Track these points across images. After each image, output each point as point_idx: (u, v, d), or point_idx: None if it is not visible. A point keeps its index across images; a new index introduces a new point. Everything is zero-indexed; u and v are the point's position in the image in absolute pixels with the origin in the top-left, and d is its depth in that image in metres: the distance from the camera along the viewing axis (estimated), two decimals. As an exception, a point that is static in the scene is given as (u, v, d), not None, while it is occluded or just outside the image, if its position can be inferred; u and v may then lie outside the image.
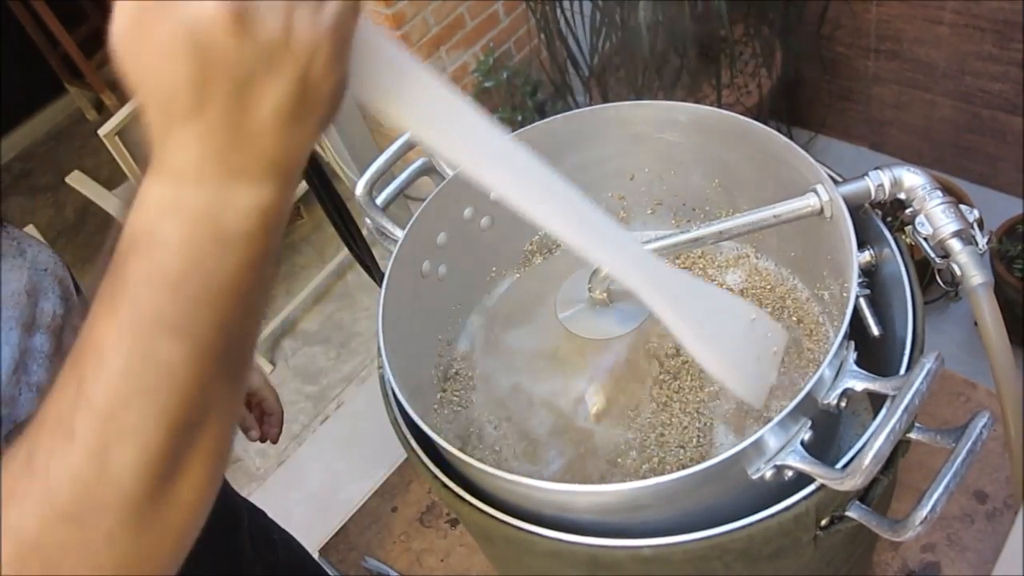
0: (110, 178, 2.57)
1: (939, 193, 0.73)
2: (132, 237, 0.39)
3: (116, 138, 1.87)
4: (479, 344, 0.94)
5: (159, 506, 0.41)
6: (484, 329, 0.96)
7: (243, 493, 1.11)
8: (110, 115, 1.93)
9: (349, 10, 0.39)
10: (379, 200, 0.91)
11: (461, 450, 0.68)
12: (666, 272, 0.63)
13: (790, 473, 0.65)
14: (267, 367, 2.47)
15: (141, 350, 0.39)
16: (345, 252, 2.54)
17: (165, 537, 0.42)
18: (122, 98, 3.06)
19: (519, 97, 2.44)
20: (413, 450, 0.75)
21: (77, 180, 2.29)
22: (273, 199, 0.40)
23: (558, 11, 2.02)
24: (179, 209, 0.38)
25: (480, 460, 0.67)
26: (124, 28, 0.36)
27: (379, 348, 0.79)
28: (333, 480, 2.20)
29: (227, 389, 0.43)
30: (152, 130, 0.38)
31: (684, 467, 0.62)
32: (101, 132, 1.85)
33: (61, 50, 3.39)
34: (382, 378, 0.82)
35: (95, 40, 3.45)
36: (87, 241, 3.13)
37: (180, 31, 0.35)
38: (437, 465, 0.74)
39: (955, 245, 0.70)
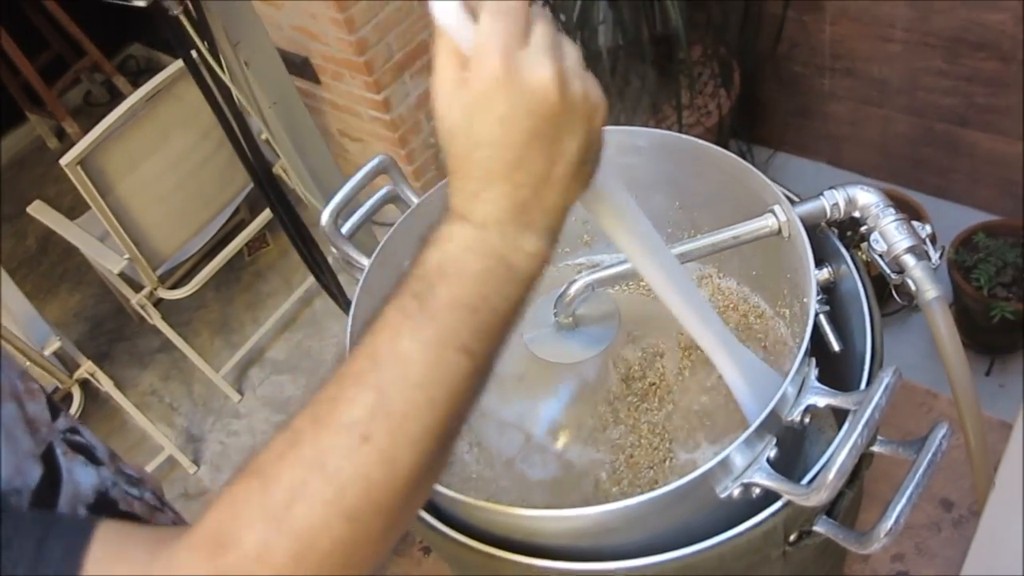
0: (72, 207, 2.54)
1: (892, 210, 0.75)
2: (440, 264, 0.46)
3: (78, 167, 1.85)
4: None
5: (411, 514, 0.47)
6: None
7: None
8: (72, 143, 1.91)
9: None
10: (344, 229, 0.91)
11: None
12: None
13: (757, 490, 0.66)
14: (235, 396, 2.45)
15: (440, 366, 0.45)
16: (311, 280, 2.53)
17: (393, 543, 0.47)
18: (84, 126, 3.03)
19: (483, 120, 2.45)
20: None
21: (38, 210, 2.26)
22: (548, 248, 0.49)
23: (519, 35, 2.04)
24: (483, 250, 0.46)
25: (449, 487, 0.67)
26: (465, 109, 0.45)
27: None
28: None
29: (476, 402, 0.49)
30: (466, 191, 0.47)
31: (653, 487, 0.62)
32: (63, 161, 1.83)
33: (21, 78, 3.35)
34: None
35: (56, 67, 3.42)
36: (48, 272, 3.08)
37: (523, 99, 0.44)
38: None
39: (909, 260, 0.72)
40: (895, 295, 0.77)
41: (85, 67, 3.44)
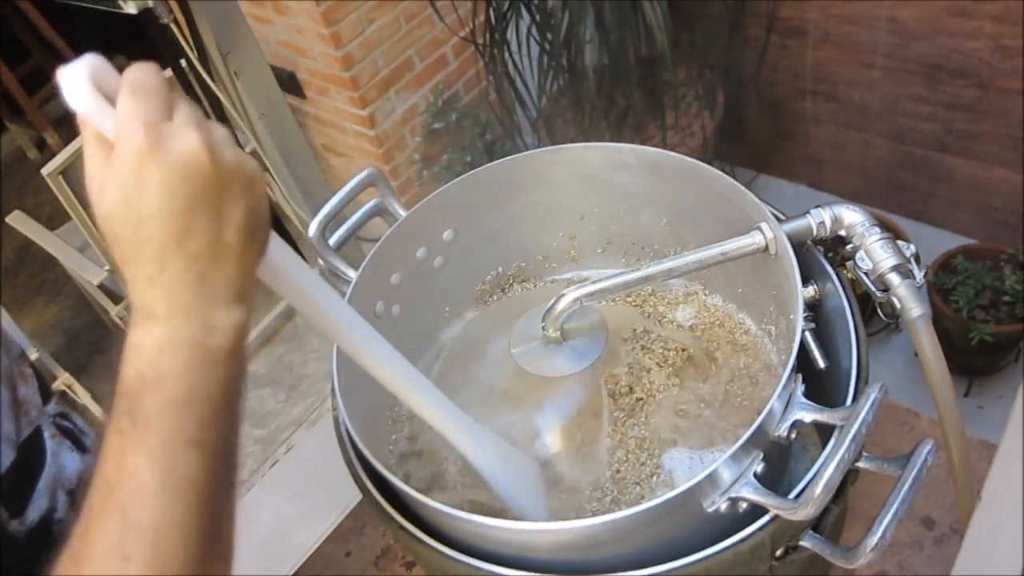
0: (52, 217, 2.52)
1: (877, 229, 0.76)
2: (139, 374, 0.45)
3: (59, 177, 1.84)
4: (434, 383, 0.94)
5: None
6: (438, 369, 0.96)
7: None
8: (52, 153, 1.90)
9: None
10: (332, 241, 0.91)
11: (417, 490, 0.68)
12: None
13: (744, 505, 0.66)
14: (214, 411, 2.42)
15: (172, 467, 0.45)
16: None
17: None
18: (65, 137, 3.02)
19: (468, 138, 2.46)
20: (369, 492, 0.75)
21: (18, 220, 2.24)
22: (242, 318, 0.48)
23: (506, 54, 2.06)
24: (174, 343, 0.45)
25: (436, 500, 0.67)
26: (120, 189, 0.44)
27: (333, 390, 0.79)
28: (284, 526, 2.15)
29: (231, 490, 0.49)
30: (141, 280, 0.45)
31: (640, 503, 0.62)
32: (44, 171, 1.82)
33: (2, 87, 3.33)
34: (336, 420, 0.81)
35: (36, 77, 3.39)
36: (26, 283, 3.05)
37: (175, 166, 0.43)
38: (393, 507, 0.74)
39: (894, 279, 0.73)
40: (880, 313, 0.78)
41: (65, 76, 3.42)
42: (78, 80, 0.45)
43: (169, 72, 1.02)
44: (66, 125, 3.47)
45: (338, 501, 1.21)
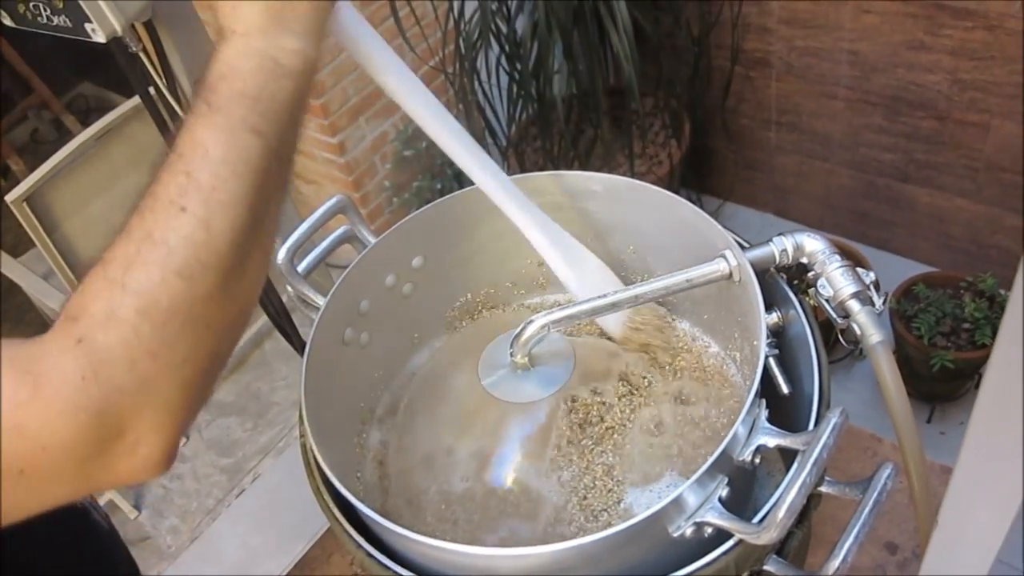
0: (15, 245, 2.48)
1: (838, 257, 0.78)
2: (219, 72, 0.54)
3: (24, 205, 1.82)
4: (402, 410, 0.94)
5: (239, 276, 0.53)
6: (407, 395, 0.96)
7: (153, 572, 1.07)
8: (16, 181, 1.88)
9: None
10: (300, 267, 0.91)
11: (385, 517, 0.68)
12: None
13: (709, 530, 0.67)
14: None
15: (234, 144, 0.53)
16: (262, 320, 2.50)
17: (237, 309, 0.54)
18: (29, 163, 2.98)
19: (438, 165, 2.47)
20: (337, 519, 0.75)
21: (-20, 248, 2.21)
22: (310, 47, 0.58)
23: (476, 83, 2.08)
24: (251, 51, 0.55)
25: (404, 527, 0.67)
26: None
27: (301, 417, 0.78)
28: (250, 556, 2.13)
29: (280, 187, 0.57)
30: (225, 9, 0.56)
31: (612, 526, 0.63)
32: (8, 199, 1.80)
33: (-35, 115, 3.30)
34: (304, 447, 0.81)
35: (2, 104, 3.36)
36: (-12, 312, 3.01)
37: None
38: (361, 534, 0.74)
39: (854, 306, 0.75)
40: (841, 339, 0.79)
41: (33, 104, 3.40)
42: None
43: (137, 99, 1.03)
44: (30, 152, 3.44)
45: (305, 530, 1.20)
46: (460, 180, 2.44)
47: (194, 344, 0.50)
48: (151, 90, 1.01)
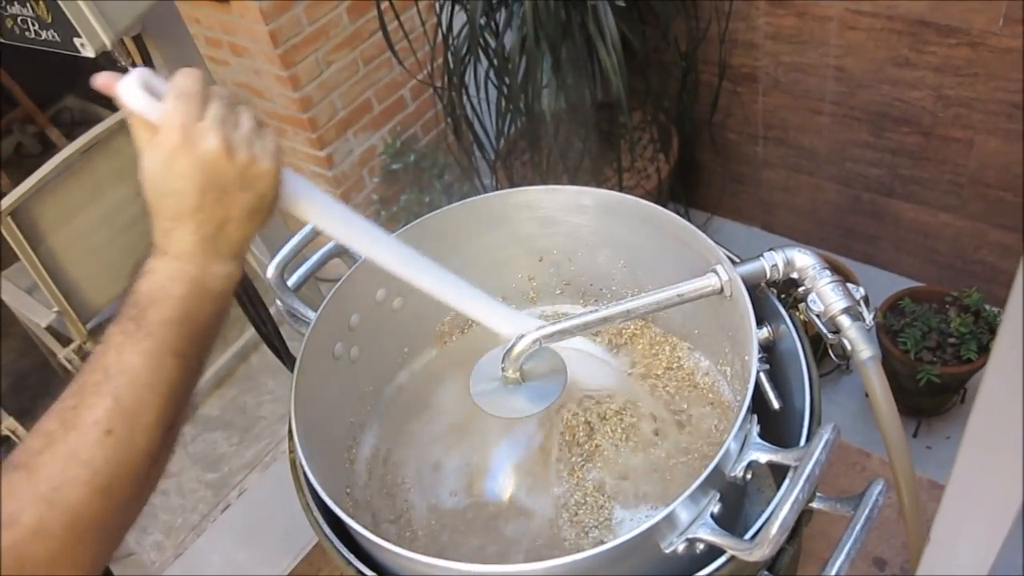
0: (-1, 259, 2.47)
1: (828, 272, 0.78)
2: (150, 293, 0.59)
3: (8, 219, 1.81)
4: (392, 425, 0.94)
5: (151, 480, 0.59)
6: (397, 410, 0.96)
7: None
8: (1, 194, 1.87)
9: (280, 151, 0.63)
10: (290, 282, 0.91)
11: (375, 533, 0.68)
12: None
13: (701, 546, 0.67)
14: (165, 454, 2.37)
15: (160, 369, 0.57)
16: (250, 333, 2.49)
17: (144, 503, 0.59)
18: (14, 177, 2.97)
19: (426, 179, 2.47)
20: (326, 535, 0.74)
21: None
22: (235, 270, 0.63)
23: (464, 97, 2.08)
24: (182, 277, 0.60)
25: (394, 543, 0.67)
26: (156, 166, 0.59)
27: (291, 432, 0.78)
28: (235, 572, 2.11)
29: (190, 397, 0.62)
30: (162, 229, 0.60)
31: (604, 543, 0.63)
32: (-9, 213, 1.79)
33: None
34: (293, 463, 0.80)
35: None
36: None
37: (196, 160, 0.58)
38: (351, 550, 0.73)
39: (844, 321, 0.75)
40: (831, 354, 0.79)
41: (17, 118, 3.38)
42: (133, 86, 0.59)
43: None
44: (14, 166, 3.41)
45: (291, 546, 1.19)
46: (449, 193, 2.44)
47: (108, 544, 0.56)
48: (139, 103, 1.01)
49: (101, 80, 0.60)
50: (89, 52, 0.88)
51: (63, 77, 3.56)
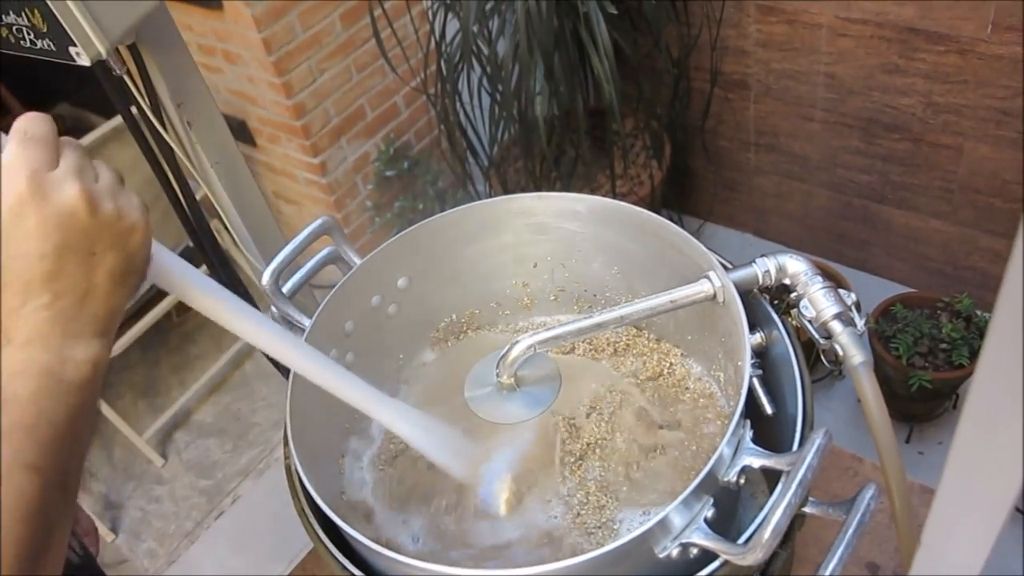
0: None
1: (820, 278, 0.79)
2: None
3: None
4: (387, 431, 0.94)
5: None
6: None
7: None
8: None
9: (146, 207, 0.53)
10: (285, 289, 0.91)
11: (372, 540, 0.68)
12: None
13: (695, 551, 0.67)
14: (158, 461, 2.37)
15: (8, 488, 0.45)
16: (243, 340, 2.49)
17: None
18: None
19: (420, 186, 2.48)
20: (321, 541, 0.74)
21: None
22: (102, 352, 0.50)
23: (458, 104, 2.09)
24: (30, 369, 0.47)
25: (392, 549, 0.67)
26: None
27: (286, 439, 0.78)
28: (228, 579, 2.10)
29: (66, 511, 0.50)
30: (6, 308, 0.47)
31: (599, 548, 0.63)
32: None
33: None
34: (289, 469, 0.80)
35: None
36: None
37: (51, 214, 0.47)
38: (346, 556, 0.73)
39: (836, 327, 0.75)
40: (823, 360, 0.80)
41: (9, 126, 3.37)
42: None
43: (121, 121, 1.02)
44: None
45: (285, 553, 1.19)
46: (442, 200, 2.45)
47: None
48: (133, 109, 1.01)
49: None
50: (84, 61, 0.89)
51: (55, 84, 3.57)
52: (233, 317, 0.63)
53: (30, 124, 0.50)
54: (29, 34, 0.89)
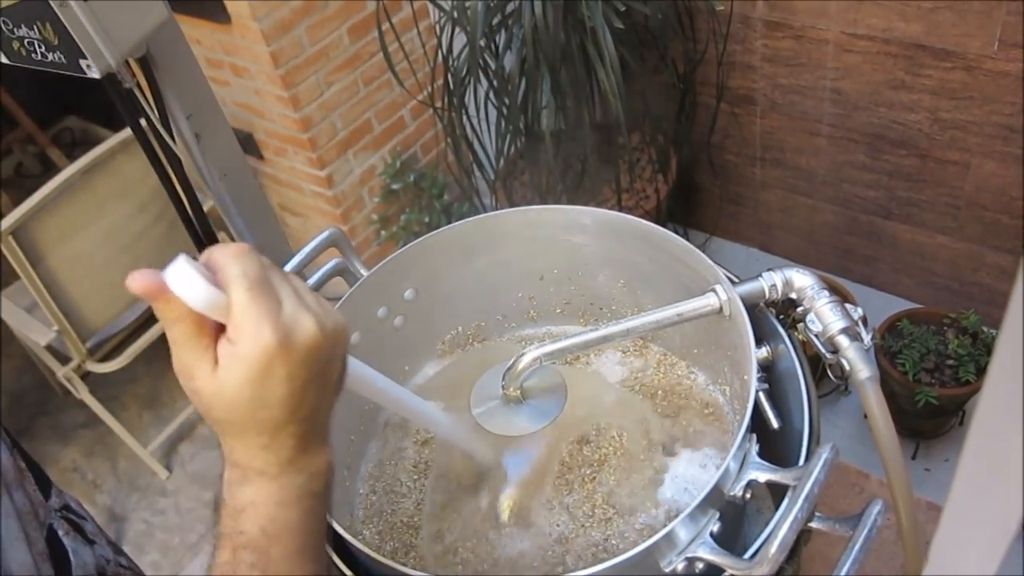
0: (-2, 278, 2.47)
1: (826, 292, 0.79)
2: (263, 532, 0.49)
3: (10, 238, 1.81)
4: (392, 442, 0.94)
5: None
6: (397, 427, 0.96)
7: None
8: (2, 214, 1.87)
9: None
10: (292, 301, 0.91)
11: (378, 553, 0.68)
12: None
13: (700, 565, 0.67)
14: (163, 473, 2.36)
15: None
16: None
17: None
18: (15, 197, 2.98)
19: (426, 199, 2.48)
20: (329, 556, 0.74)
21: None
22: (331, 455, 0.53)
23: (464, 117, 2.09)
24: (289, 498, 0.49)
25: (398, 562, 0.67)
26: (246, 379, 0.46)
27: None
28: (232, 592, 2.09)
29: None
30: (254, 447, 0.48)
31: (604, 562, 0.63)
32: (-8, 231, 1.80)
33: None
34: (294, 481, 0.80)
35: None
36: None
37: (298, 358, 0.46)
38: (351, 568, 0.73)
39: (843, 341, 0.75)
40: (829, 374, 0.80)
41: (18, 138, 3.40)
42: (190, 276, 0.45)
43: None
44: (15, 186, 3.42)
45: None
46: (448, 213, 2.45)
47: None
48: (142, 122, 1.02)
49: (139, 283, 0.46)
50: (95, 73, 0.89)
51: (64, 97, 3.59)
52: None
53: (247, 264, 0.47)
54: (40, 47, 0.90)
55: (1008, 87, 1.76)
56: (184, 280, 0.45)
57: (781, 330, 0.83)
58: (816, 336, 0.77)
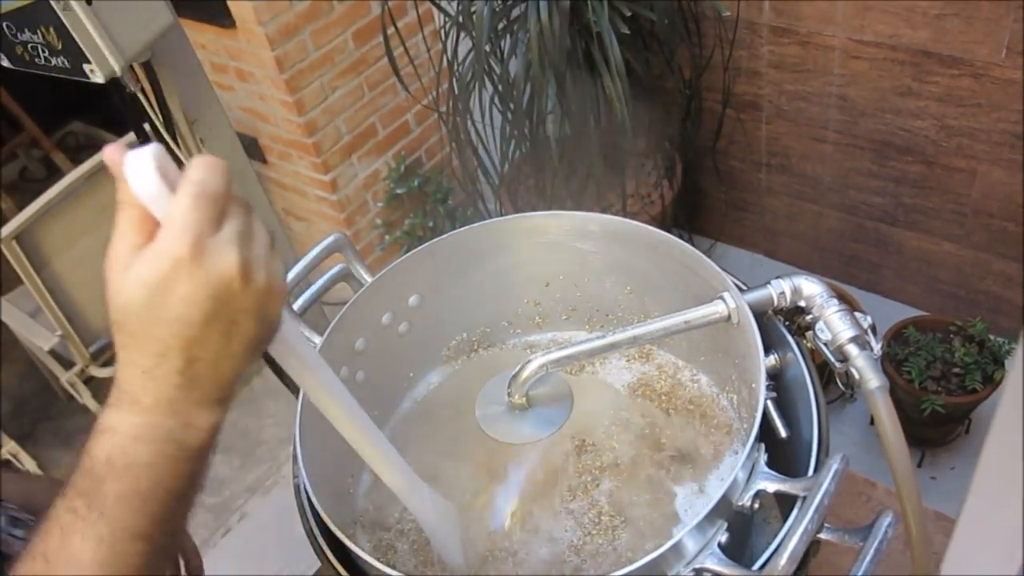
0: (1, 282, 2.47)
1: (835, 301, 0.78)
2: (108, 461, 0.46)
3: (13, 243, 1.81)
4: (396, 449, 0.93)
5: None
6: (402, 434, 0.95)
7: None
8: (5, 219, 1.87)
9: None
10: (296, 306, 0.90)
11: (382, 561, 0.67)
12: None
13: (709, 576, 0.66)
14: (165, 478, 2.36)
15: (115, 557, 0.45)
16: (251, 357, 2.48)
17: None
18: (19, 202, 2.98)
19: (430, 204, 2.48)
20: (330, 562, 0.73)
21: (-34, 284, 2.19)
22: (220, 418, 0.49)
23: (469, 122, 2.09)
24: (151, 435, 0.46)
25: (403, 571, 0.66)
26: (150, 280, 0.44)
27: (295, 456, 0.77)
28: (234, 598, 2.09)
29: (164, 571, 0.50)
30: (138, 368, 0.46)
31: (610, 570, 0.62)
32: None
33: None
34: (297, 489, 0.80)
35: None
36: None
37: (205, 283, 0.44)
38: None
39: (852, 350, 0.75)
40: (838, 383, 0.79)
41: (23, 142, 3.40)
42: (146, 166, 0.45)
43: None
44: (19, 190, 3.43)
45: (292, 571, 1.18)
46: (452, 218, 2.45)
47: None
48: (146, 126, 1.01)
49: (108, 153, 0.46)
50: (99, 78, 0.89)
51: (69, 101, 3.59)
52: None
53: (209, 176, 0.46)
54: (44, 51, 0.89)
55: (1015, 94, 1.75)
56: (139, 167, 0.45)
57: (790, 338, 0.82)
58: (825, 345, 0.77)
